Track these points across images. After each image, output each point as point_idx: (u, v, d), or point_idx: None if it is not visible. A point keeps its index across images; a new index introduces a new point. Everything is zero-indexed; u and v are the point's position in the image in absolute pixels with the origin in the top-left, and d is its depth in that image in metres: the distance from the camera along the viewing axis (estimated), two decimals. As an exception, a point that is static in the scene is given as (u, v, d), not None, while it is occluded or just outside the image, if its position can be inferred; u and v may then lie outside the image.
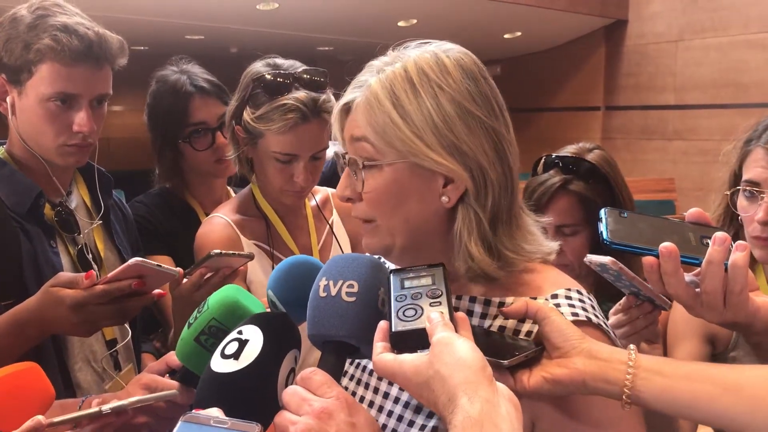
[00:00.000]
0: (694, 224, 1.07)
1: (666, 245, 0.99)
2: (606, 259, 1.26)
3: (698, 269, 1.01)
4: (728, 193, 1.69)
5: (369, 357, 0.95)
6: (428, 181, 1.05)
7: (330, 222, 2.01)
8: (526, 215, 1.13)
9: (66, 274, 1.42)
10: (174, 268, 1.44)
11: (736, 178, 1.66)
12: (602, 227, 1.04)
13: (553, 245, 1.14)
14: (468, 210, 1.05)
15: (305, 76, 1.77)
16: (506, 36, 8.28)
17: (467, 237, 1.05)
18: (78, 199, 1.77)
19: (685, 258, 1.00)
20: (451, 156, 1.03)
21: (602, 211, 1.06)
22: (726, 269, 0.99)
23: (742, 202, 1.63)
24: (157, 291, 1.46)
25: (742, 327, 1.04)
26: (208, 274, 1.57)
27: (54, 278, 1.41)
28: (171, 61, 2.26)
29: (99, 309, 1.38)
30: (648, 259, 1.01)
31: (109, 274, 1.39)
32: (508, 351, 0.96)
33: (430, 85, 1.03)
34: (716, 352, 1.70)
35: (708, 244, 1.00)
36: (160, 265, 1.40)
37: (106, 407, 1.07)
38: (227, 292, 1.11)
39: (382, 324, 0.91)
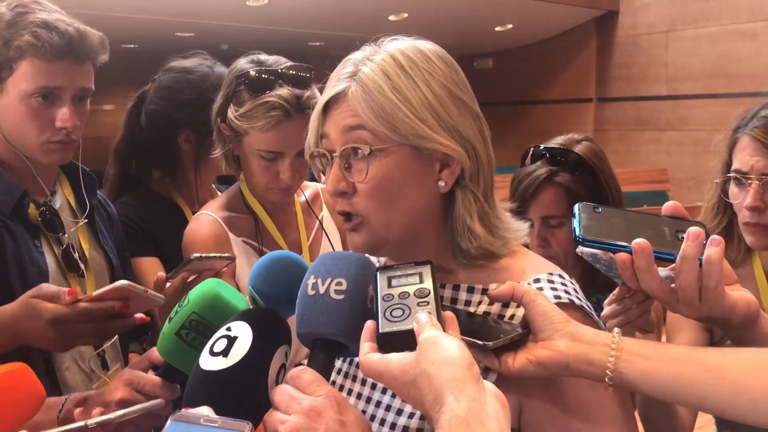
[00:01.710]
0: (670, 218, 1.05)
1: (638, 242, 0.97)
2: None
3: (674, 264, 1.00)
4: (718, 181, 1.71)
5: (358, 355, 0.94)
6: (426, 166, 1.06)
7: (320, 218, 2.00)
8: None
9: (49, 287, 1.39)
10: (159, 295, 1.41)
11: (728, 166, 1.68)
12: (575, 223, 1.02)
13: (525, 225, 1.16)
14: (465, 192, 1.08)
15: (289, 72, 1.75)
16: (498, 28, 8.28)
17: (469, 218, 1.07)
18: (62, 198, 1.76)
19: (658, 254, 0.98)
20: (452, 137, 1.05)
21: (576, 207, 1.04)
22: (701, 264, 0.97)
23: (732, 189, 1.65)
24: (139, 315, 1.42)
25: (719, 322, 1.03)
26: (191, 278, 1.56)
27: (36, 289, 1.37)
28: (186, 55, 2.22)
29: (78, 327, 1.34)
30: (621, 256, 0.99)
31: (94, 293, 1.36)
32: (493, 333, 0.96)
33: (420, 71, 1.05)
34: (714, 340, 1.71)
35: (683, 238, 0.98)
36: (147, 290, 1.37)
37: (91, 422, 1.05)
38: (208, 285, 1.09)
39: (369, 324, 0.91)
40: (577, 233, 1.01)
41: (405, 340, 0.86)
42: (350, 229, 1.10)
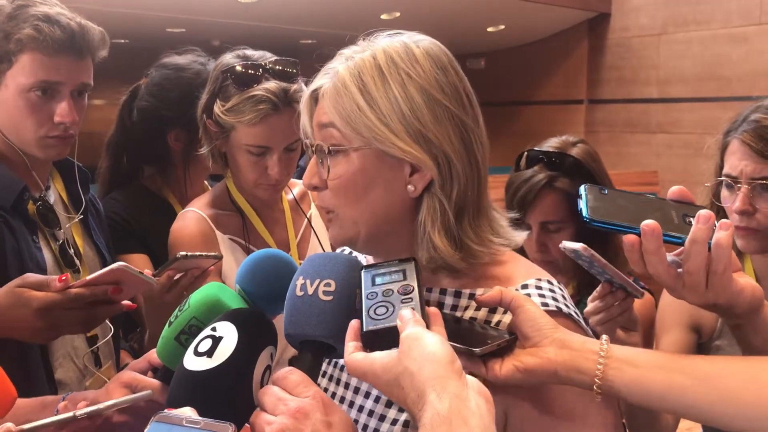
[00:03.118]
0: (677, 202, 1.04)
1: (648, 223, 0.95)
2: (578, 246, 1.27)
3: (679, 249, 0.99)
4: (708, 185, 1.71)
5: None
6: (395, 169, 1.04)
7: (308, 216, 1.99)
8: (494, 210, 1.12)
9: (34, 276, 1.37)
10: (152, 277, 1.41)
11: (721, 170, 1.68)
12: (582, 204, 1.00)
13: (522, 235, 1.13)
14: (433, 199, 1.04)
15: (276, 66, 1.74)
16: (490, 29, 8.27)
17: (431, 227, 1.04)
18: (55, 194, 1.75)
19: (667, 236, 0.97)
20: (416, 144, 1.01)
21: (582, 188, 1.03)
22: (709, 248, 0.95)
23: (723, 193, 1.66)
24: (126, 302, 1.42)
25: (723, 308, 1.01)
26: (177, 276, 1.55)
27: (20, 279, 1.35)
28: (180, 51, 2.20)
29: (66, 314, 1.33)
30: (629, 238, 0.97)
31: (88, 277, 1.34)
32: (480, 339, 0.95)
33: (398, 73, 1.03)
34: (701, 341, 1.72)
35: (691, 222, 0.96)
36: (142, 273, 1.36)
37: (80, 412, 1.03)
38: (209, 290, 1.07)
39: (354, 323, 0.90)
40: (585, 214, 0.99)
41: (389, 338, 0.86)
42: (327, 221, 1.11)
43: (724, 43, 7.11)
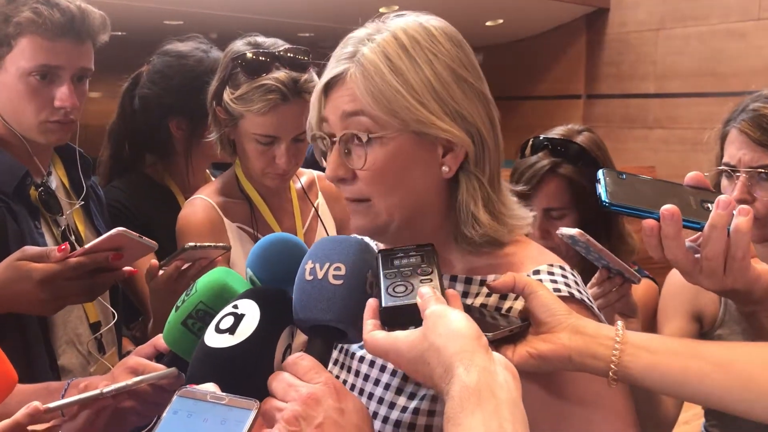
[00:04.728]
0: (694, 188, 1.03)
1: (668, 207, 0.95)
2: (574, 231, 1.27)
3: (696, 234, 0.99)
4: (707, 174, 1.72)
5: (356, 342, 0.93)
6: (429, 151, 1.03)
7: (315, 205, 1.98)
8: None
9: (33, 248, 1.36)
10: (152, 241, 1.41)
11: (721, 159, 1.68)
12: (600, 189, 1.00)
13: (528, 214, 1.12)
14: (470, 177, 1.04)
15: (286, 54, 1.73)
16: (488, 23, 8.26)
17: (473, 204, 1.04)
18: (57, 180, 1.74)
19: (686, 222, 0.96)
20: (454, 122, 1.01)
21: (600, 172, 1.02)
22: (728, 234, 0.95)
23: (723, 182, 1.66)
24: (128, 268, 1.42)
25: (740, 294, 1.01)
26: (185, 266, 1.54)
27: (20, 252, 1.35)
28: (182, 38, 2.18)
29: (69, 284, 1.32)
30: (648, 222, 0.97)
31: (88, 245, 1.34)
32: (492, 326, 0.95)
33: (423, 52, 1.01)
34: (703, 331, 1.72)
35: (709, 208, 0.96)
36: (141, 237, 1.36)
37: (107, 389, 1.03)
38: (216, 275, 1.07)
39: (372, 301, 0.89)
40: (604, 198, 0.99)
41: (409, 315, 0.85)
42: (354, 211, 1.08)
43: (722, 39, 7.11)
